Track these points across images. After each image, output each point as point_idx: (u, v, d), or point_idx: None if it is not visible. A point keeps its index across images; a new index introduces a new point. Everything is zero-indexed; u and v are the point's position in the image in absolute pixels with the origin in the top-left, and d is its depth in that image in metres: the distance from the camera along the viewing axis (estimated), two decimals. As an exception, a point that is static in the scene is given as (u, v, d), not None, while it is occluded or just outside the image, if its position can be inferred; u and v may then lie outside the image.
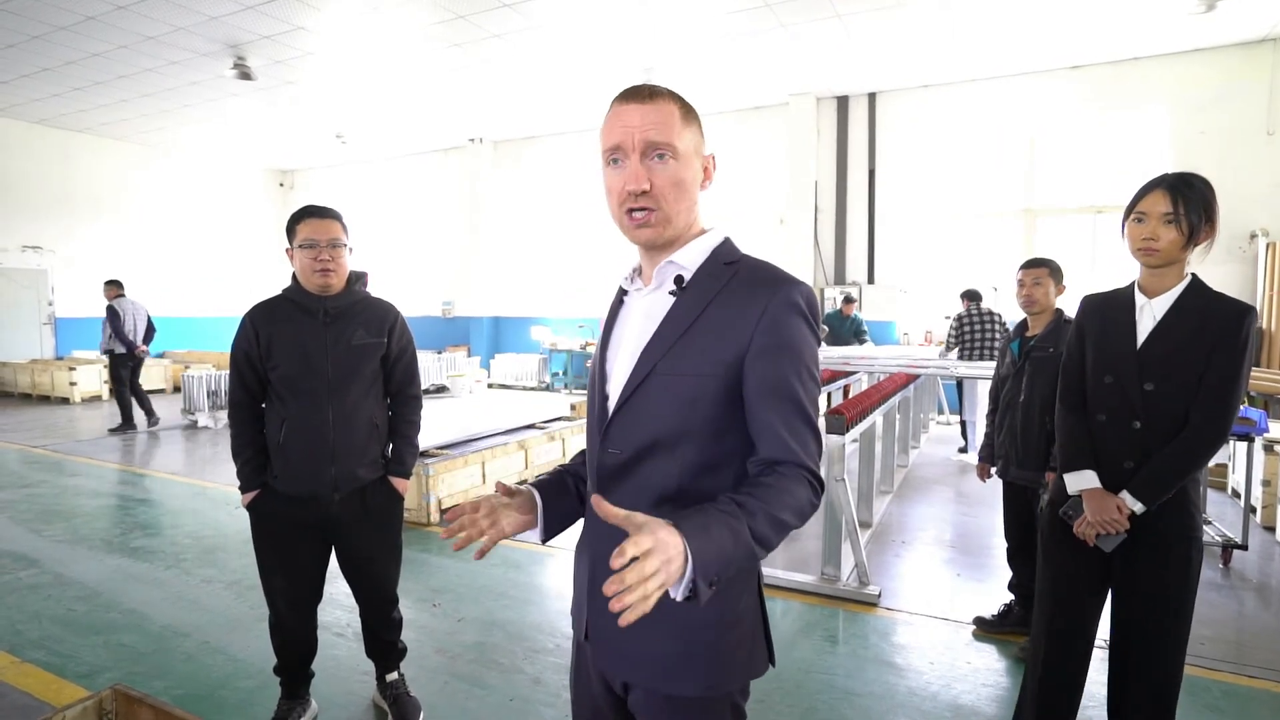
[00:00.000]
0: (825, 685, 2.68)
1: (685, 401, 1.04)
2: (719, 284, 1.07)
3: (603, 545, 1.15)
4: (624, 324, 1.16)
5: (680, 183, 1.07)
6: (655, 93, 1.07)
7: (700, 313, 1.05)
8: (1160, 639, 1.77)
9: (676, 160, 1.05)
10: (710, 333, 1.04)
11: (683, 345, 1.05)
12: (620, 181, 1.05)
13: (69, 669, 2.78)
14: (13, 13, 7.20)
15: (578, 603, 1.21)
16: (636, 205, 1.05)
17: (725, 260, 1.10)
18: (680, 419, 1.04)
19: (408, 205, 14.10)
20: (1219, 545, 3.99)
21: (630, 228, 1.07)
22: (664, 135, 1.04)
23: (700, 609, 1.04)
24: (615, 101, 1.08)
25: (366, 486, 2.26)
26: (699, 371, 1.04)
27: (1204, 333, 1.70)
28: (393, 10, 7.16)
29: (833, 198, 10.17)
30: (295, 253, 2.16)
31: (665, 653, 1.08)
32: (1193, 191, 1.69)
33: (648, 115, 1.04)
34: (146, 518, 4.79)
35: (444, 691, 2.62)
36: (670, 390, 1.05)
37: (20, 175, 11.46)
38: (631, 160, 1.04)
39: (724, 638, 1.09)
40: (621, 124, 1.05)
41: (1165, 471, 1.72)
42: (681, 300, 1.08)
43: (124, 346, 7.98)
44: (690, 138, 1.08)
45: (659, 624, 1.07)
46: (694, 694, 1.08)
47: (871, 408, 4.10)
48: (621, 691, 1.17)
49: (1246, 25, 7.48)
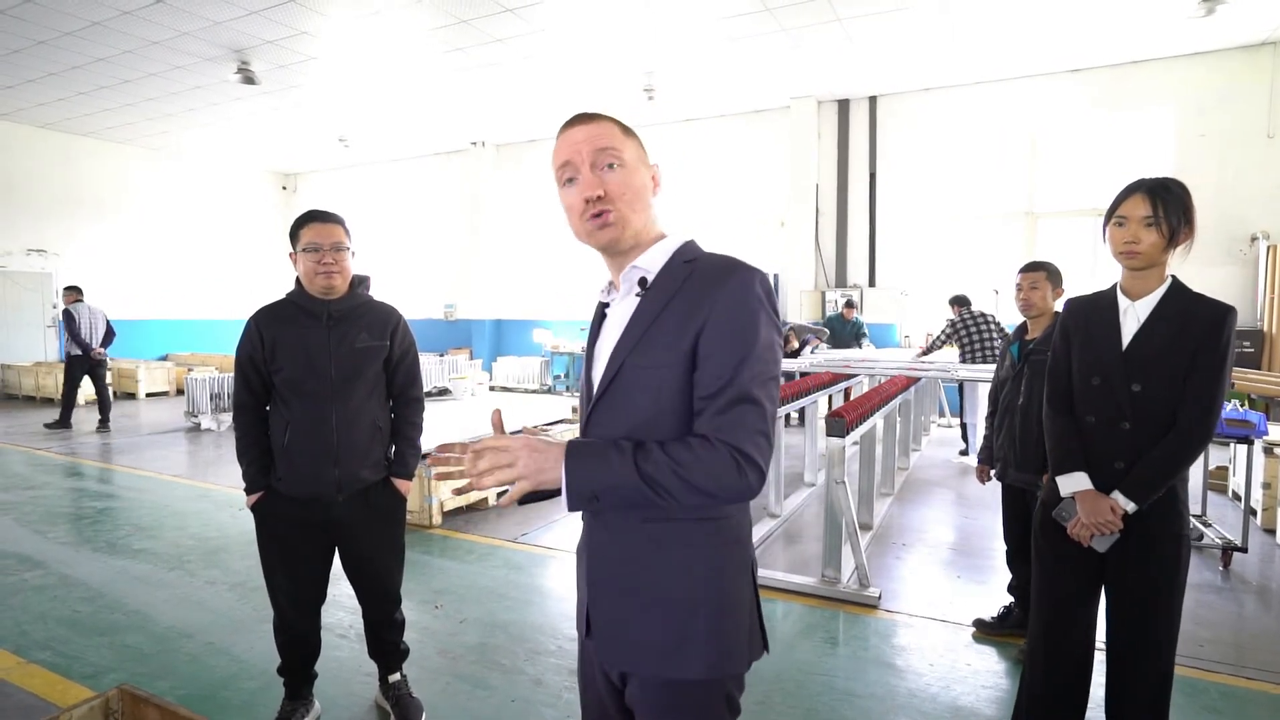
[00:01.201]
0: (825, 687, 2.69)
1: (652, 391, 1.10)
2: (679, 281, 1.13)
3: (601, 544, 1.19)
4: (604, 334, 1.23)
5: (636, 187, 1.15)
6: (595, 116, 1.16)
7: (662, 308, 1.11)
8: (1151, 636, 1.79)
9: (624, 168, 1.13)
10: (671, 325, 1.10)
11: (647, 340, 1.11)
12: (577, 195, 1.13)
13: (74, 670, 2.80)
14: (19, 18, 7.25)
15: (580, 602, 1.24)
16: (595, 210, 1.12)
17: (685, 259, 1.16)
18: (650, 409, 1.10)
19: (410, 208, 14.14)
20: (1219, 547, 4.00)
21: (592, 230, 1.14)
22: (609, 142, 1.13)
23: (693, 591, 1.12)
24: (559, 132, 1.17)
25: (370, 488, 2.29)
26: (661, 363, 1.09)
27: (1186, 334, 1.74)
28: (395, 15, 7.20)
29: (834, 200, 10.19)
30: (299, 257, 2.18)
31: (664, 638, 1.12)
32: (1171, 195, 1.73)
33: (590, 131, 1.13)
34: (151, 520, 4.81)
35: (446, 692, 2.64)
36: (639, 383, 1.11)
37: (25, 178, 11.52)
38: (584, 172, 1.13)
39: (721, 622, 1.12)
40: (569, 143, 1.14)
41: (1155, 471, 1.75)
42: (645, 299, 1.15)
43: (80, 349, 8.28)
44: (633, 148, 1.16)
45: (653, 608, 1.12)
46: (694, 677, 1.12)
47: (872, 410, 4.11)
48: (621, 684, 1.20)
49: (1247, 28, 7.50)
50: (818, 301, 10.12)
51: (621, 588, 1.15)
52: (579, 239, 1.18)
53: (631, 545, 1.13)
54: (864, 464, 4.70)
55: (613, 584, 1.16)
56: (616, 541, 1.15)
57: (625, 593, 1.15)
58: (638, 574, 1.13)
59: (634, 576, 1.14)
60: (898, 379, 5.16)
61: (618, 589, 1.16)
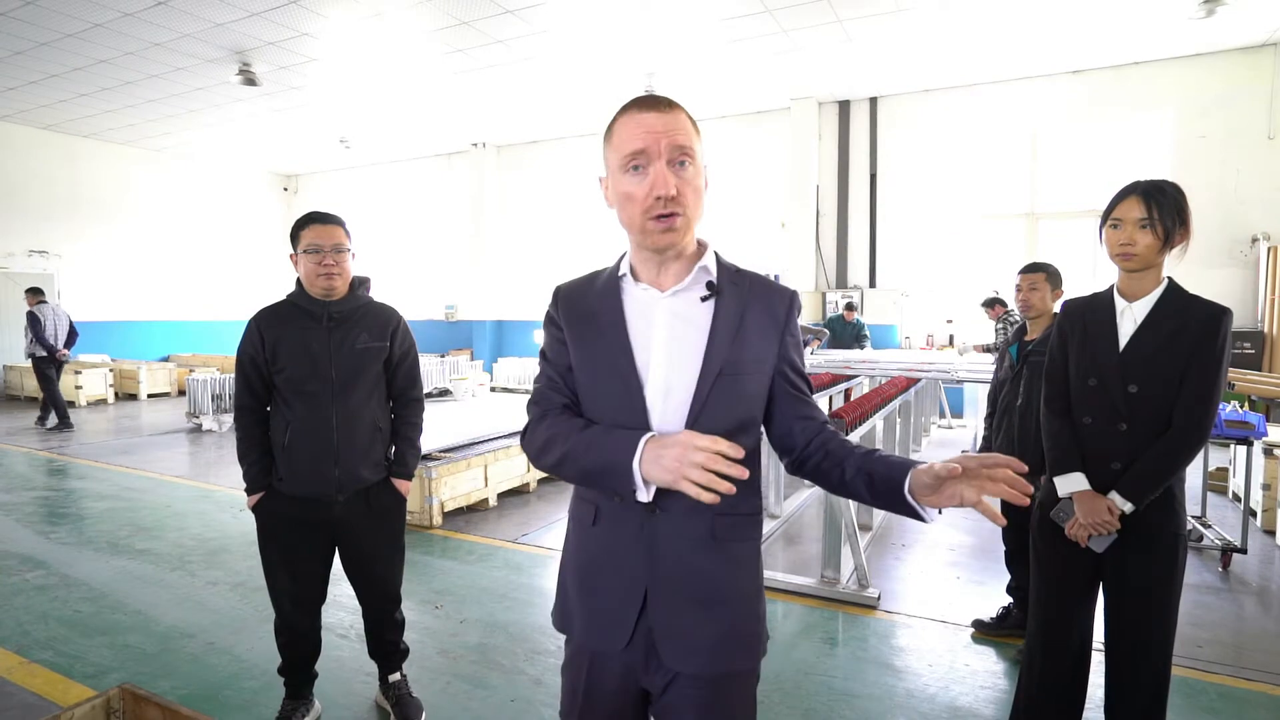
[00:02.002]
0: (824, 687, 2.70)
1: (748, 395, 1.16)
2: (743, 290, 1.18)
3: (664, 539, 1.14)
4: (648, 321, 1.16)
5: (698, 189, 1.12)
6: (671, 103, 1.11)
7: (743, 315, 1.16)
8: (1148, 635, 1.80)
9: (694, 167, 1.10)
10: (754, 333, 1.16)
11: (738, 345, 1.15)
12: (645, 187, 1.07)
13: (76, 669, 2.81)
14: (21, 20, 7.28)
15: (608, 614, 1.18)
16: (665, 210, 1.07)
17: (730, 270, 1.20)
18: (745, 410, 1.16)
19: (412, 209, 14.16)
20: (1218, 549, 4.00)
21: (656, 232, 1.09)
22: (689, 140, 1.09)
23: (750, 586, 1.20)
24: (630, 109, 1.11)
25: (370, 488, 2.30)
26: (752, 369, 1.16)
27: (1183, 335, 1.75)
28: (396, 16, 7.22)
29: (834, 201, 10.20)
30: (299, 258, 2.20)
31: (728, 632, 1.15)
32: (1165, 197, 1.75)
33: (669, 123, 1.08)
34: (152, 520, 4.82)
35: (446, 692, 2.65)
36: (736, 386, 1.14)
37: (27, 180, 11.55)
38: (658, 165, 1.07)
39: (757, 608, 1.21)
40: (645, 130, 1.07)
41: (1152, 472, 1.76)
42: (723, 304, 1.16)
43: (44, 350, 8.36)
44: (699, 148, 1.13)
45: (719, 606, 1.15)
46: (746, 667, 1.19)
47: (872, 411, 4.12)
48: (661, 690, 1.17)
49: (1247, 30, 7.50)
50: (818, 303, 10.13)
51: (692, 586, 1.14)
52: (627, 229, 1.14)
53: (698, 543, 1.14)
54: (864, 465, 4.69)
55: (682, 584, 1.14)
56: (685, 539, 1.13)
57: (695, 591, 1.14)
58: (709, 572, 1.14)
59: (705, 575, 1.14)
60: (898, 380, 5.16)
61: (688, 589, 1.14)
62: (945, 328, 9.80)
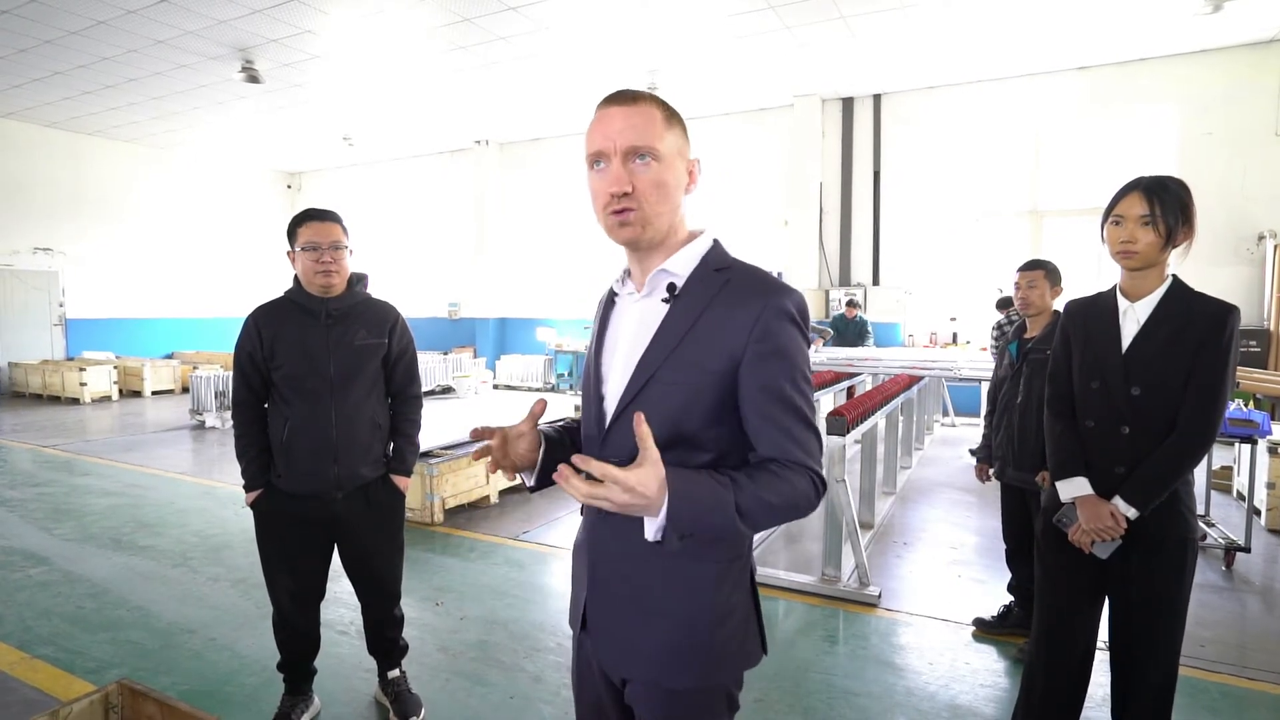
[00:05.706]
0: (824, 685, 2.69)
1: (680, 408, 1.07)
2: (711, 292, 1.09)
3: (603, 541, 1.17)
4: (617, 327, 1.18)
5: (662, 185, 1.07)
6: (637, 96, 1.08)
7: (694, 321, 1.07)
8: (1155, 640, 1.76)
9: (659, 163, 1.07)
10: (704, 341, 1.06)
11: (678, 354, 1.07)
12: (604, 185, 1.08)
13: (78, 665, 2.82)
14: (24, 17, 7.29)
15: (576, 597, 1.24)
16: (619, 206, 1.07)
17: (716, 267, 1.12)
18: (675, 425, 1.07)
19: (414, 207, 14.17)
20: (1222, 548, 3.98)
21: (613, 226, 1.09)
22: (645, 139, 1.05)
23: (693, 604, 1.11)
24: (599, 106, 1.10)
25: (369, 485, 2.30)
26: (694, 380, 1.06)
27: (1188, 334, 1.69)
28: (398, 13, 7.21)
29: (837, 199, 10.17)
30: (297, 255, 2.19)
31: (661, 646, 1.11)
32: (1168, 194, 1.69)
33: (630, 118, 1.06)
34: (154, 517, 4.84)
35: (445, 689, 2.65)
36: (667, 398, 1.07)
37: (31, 178, 11.58)
38: (613, 164, 1.06)
39: (716, 632, 1.11)
40: (603, 130, 1.07)
41: (1156, 476, 1.71)
42: (675, 308, 1.10)
43: None
44: (673, 140, 1.09)
45: (654, 618, 1.11)
46: (690, 686, 1.12)
47: (873, 409, 4.10)
48: (620, 684, 1.19)
49: (1254, 26, 7.45)
50: (821, 300, 10.10)
51: (623, 593, 1.14)
52: (599, 223, 1.13)
53: (636, 551, 1.09)
54: (865, 462, 4.69)
55: (614, 588, 1.15)
56: (620, 544, 1.13)
57: (626, 599, 1.14)
58: (641, 582, 1.12)
59: (636, 584, 1.13)
60: (900, 378, 5.15)
61: (619, 594, 1.15)
62: (949, 326, 9.78)
